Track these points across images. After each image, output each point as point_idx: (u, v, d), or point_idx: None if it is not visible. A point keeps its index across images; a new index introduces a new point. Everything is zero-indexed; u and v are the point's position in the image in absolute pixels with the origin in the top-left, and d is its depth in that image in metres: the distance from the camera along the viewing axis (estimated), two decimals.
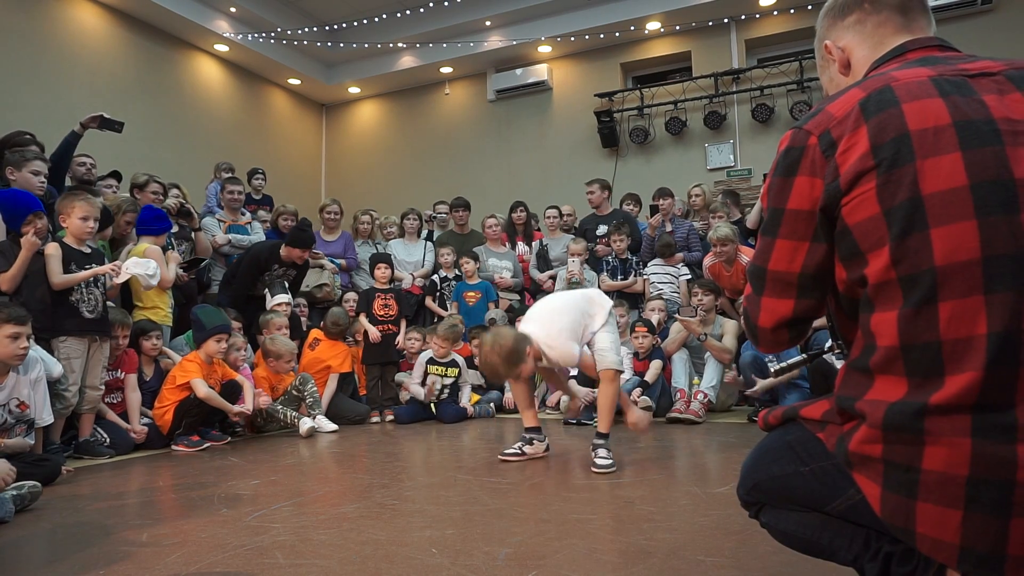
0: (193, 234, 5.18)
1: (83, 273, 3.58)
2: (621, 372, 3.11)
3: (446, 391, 4.97)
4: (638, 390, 4.43)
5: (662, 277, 5.73)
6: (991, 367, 0.88)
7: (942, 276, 0.92)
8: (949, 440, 0.90)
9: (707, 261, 5.43)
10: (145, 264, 3.94)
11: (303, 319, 5.53)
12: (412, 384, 5.03)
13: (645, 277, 5.82)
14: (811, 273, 1.08)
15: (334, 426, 4.54)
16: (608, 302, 3.27)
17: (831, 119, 1.05)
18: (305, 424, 4.32)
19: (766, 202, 1.12)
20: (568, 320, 3.03)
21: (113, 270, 3.72)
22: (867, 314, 1.00)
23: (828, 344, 1.32)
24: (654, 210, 6.04)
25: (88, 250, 3.74)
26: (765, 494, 1.16)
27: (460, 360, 5.09)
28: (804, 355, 1.81)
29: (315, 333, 5.21)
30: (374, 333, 5.17)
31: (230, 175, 6.27)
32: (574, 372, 3.67)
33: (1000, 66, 1.03)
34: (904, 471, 0.93)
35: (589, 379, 4.25)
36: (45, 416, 3.21)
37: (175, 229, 4.91)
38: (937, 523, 0.91)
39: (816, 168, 1.04)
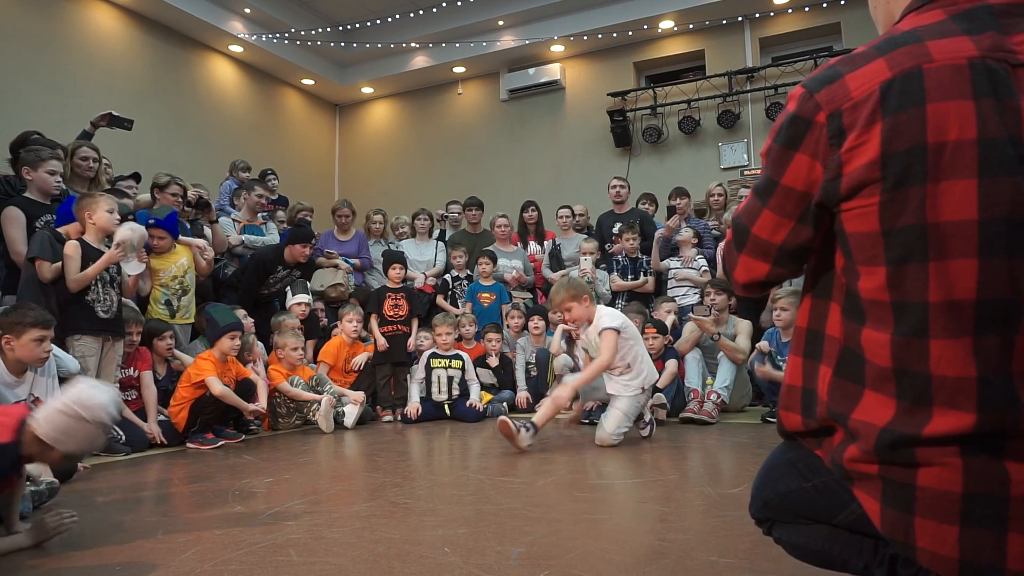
0: (209, 227, 5.09)
1: (94, 267, 3.54)
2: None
3: (456, 387, 4.96)
4: None
5: (686, 272, 5.70)
6: (983, 410, 0.88)
7: (935, 312, 0.89)
8: (941, 460, 0.90)
9: (723, 245, 5.40)
10: (137, 233, 3.70)
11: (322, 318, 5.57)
12: (412, 384, 5.03)
13: (671, 273, 5.80)
14: (790, 249, 1.06)
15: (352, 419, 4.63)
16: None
17: (847, 97, 0.94)
18: (349, 413, 4.58)
19: (765, 162, 1.06)
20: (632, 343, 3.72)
21: (118, 254, 3.65)
22: (858, 325, 0.98)
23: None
24: (671, 210, 6.00)
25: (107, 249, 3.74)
26: (774, 511, 1.15)
27: (464, 355, 5.09)
28: None
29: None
30: (382, 342, 5.16)
31: (255, 177, 6.20)
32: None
33: None
34: (900, 487, 0.93)
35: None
36: None
37: (187, 225, 4.86)
38: (936, 538, 0.91)
39: (819, 152, 0.97)
